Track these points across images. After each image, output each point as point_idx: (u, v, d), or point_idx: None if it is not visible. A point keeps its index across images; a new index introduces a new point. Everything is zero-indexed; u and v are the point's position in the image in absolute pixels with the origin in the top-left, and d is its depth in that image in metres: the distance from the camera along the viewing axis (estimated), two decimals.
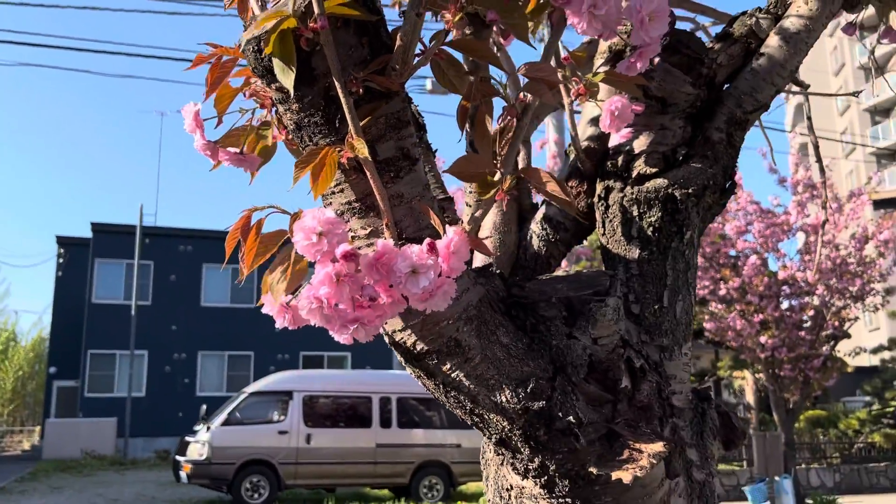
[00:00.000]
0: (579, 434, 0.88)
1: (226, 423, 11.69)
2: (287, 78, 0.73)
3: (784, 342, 11.39)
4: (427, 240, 0.73)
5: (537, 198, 1.31)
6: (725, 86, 1.18)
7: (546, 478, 0.92)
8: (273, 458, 11.49)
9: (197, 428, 12.40)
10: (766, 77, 1.13)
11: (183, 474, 11.38)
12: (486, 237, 1.18)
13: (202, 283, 23.24)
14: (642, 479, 0.87)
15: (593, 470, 0.88)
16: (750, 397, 16.93)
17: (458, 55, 0.83)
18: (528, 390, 0.88)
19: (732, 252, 11.81)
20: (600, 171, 1.19)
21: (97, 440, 19.85)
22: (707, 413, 1.10)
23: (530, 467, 0.93)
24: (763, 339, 11.27)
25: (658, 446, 0.88)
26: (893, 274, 12.30)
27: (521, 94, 0.83)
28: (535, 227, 1.21)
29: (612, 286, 0.98)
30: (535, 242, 1.20)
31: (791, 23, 1.12)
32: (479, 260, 1.14)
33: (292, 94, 0.77)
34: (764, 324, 11.53)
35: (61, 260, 24.87)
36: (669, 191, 1.09)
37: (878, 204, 29.13)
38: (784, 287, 11.62)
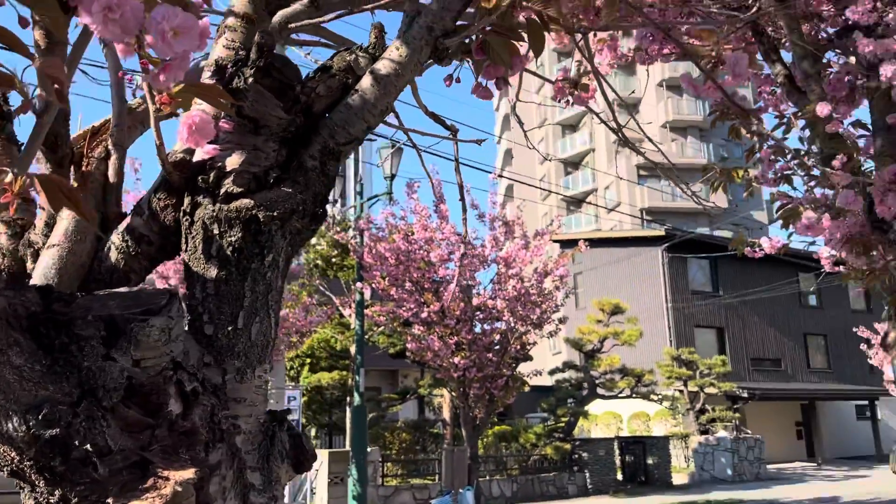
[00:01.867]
0: (97, 463, 0.82)
1: None
2: None
3: (475, 363, 12.42)
4: None
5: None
6: (327, 115, 1.22)
7: None
8: None
9: None
10: (359, 113, 1.20)
11: None
12: (53, 245, 1.07)
13: None
14: None
15: (110, 501, 0.82)
16: (446, 414, 18.15)
17: None
18: (41, 417, 0.80)
19: (436, 277, 12.64)
20: (191, 185, 1.15)
21: None
22: (277, 436, 1.11)
23: (51, 501, 0.85)
24: (457, 359, 12.17)
25: (188, 473, 0.86)
26: (566, 305, 14.14)
27: (40, 91, 0.76)
28: (116, 238, 1.14)
29: (168, 306, 0.94)
30: (114, 254, 1.12)
31: (383, 65, 1.21)
32: (38, 277, 1.03)
33: None
34: (459, 345, 12.48)
35: None
36: (253, 212, 1.09)
37: (565, 244, 33.38)
38: (478, 312, 12.70)
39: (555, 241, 21.27)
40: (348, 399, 17.42)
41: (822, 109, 2.74)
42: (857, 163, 2.73)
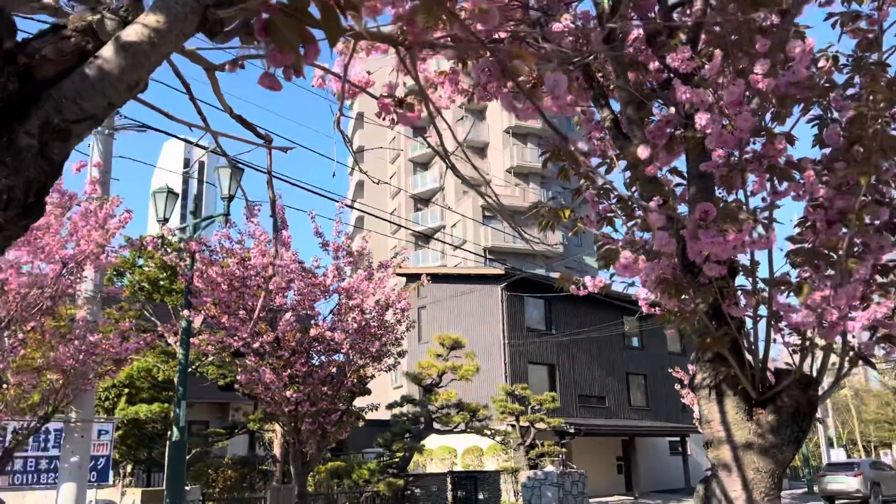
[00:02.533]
0: None
1: None
2: None
3: (308, 396, 11.95)
4: None
5: None
6: (55, 85, 0.98)
7: None
8: None
9: None
10: (97, 85, 0.96)
11: None
12: None
13: None
14: None
15: None
16: (277, 450, 17.36)
17: None
18: None
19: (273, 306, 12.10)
20: None
21: None
22: None
23: None
24: (289, 392, 11.65)
25: None
26: (408, 339, 14.06)
27: None
28: None
29: None
30: None
31: (135, 31, 0.98)
32: None
33: None
34: (293, 378, 11.97)
35: None
36: None
37: (411, 278, 33.56)
38: (316, 343, 12.28)
39: (400, 275, 21.24)
40: (169, 433, 16.19)
41: (643, 152, 2.79)
42: (672, 206, 2.80)
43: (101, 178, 10.52)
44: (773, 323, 2.81)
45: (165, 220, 12.01)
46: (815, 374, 2.94)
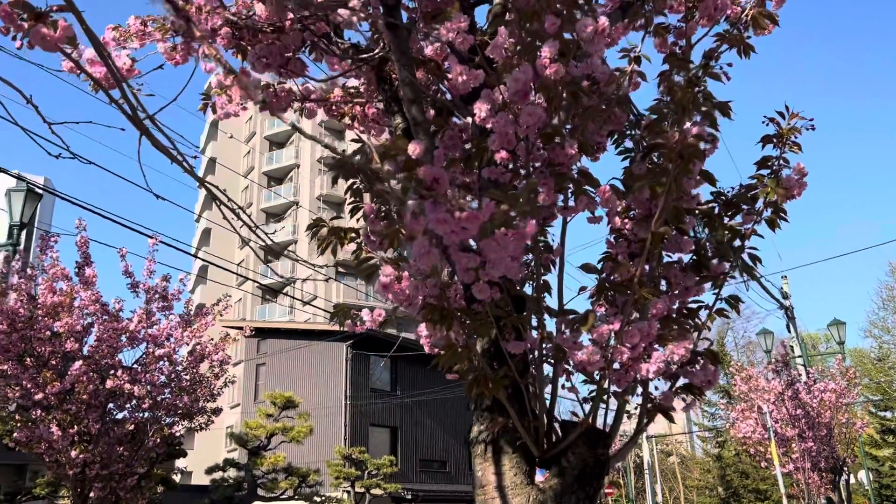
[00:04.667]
0: None
1: None
2: None
3: (99, 458, 10.41)
4: None
5: None
6: None
7: None
8: None
9: None
10: None
11: None
12: None
13: None
14: None
15: None
16: None
17: None
18: None
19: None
20: None
21: None
22: None
23: None
24: (74, 452, 10.08)
25: None
26: (224, 394, 12.82)
27: None
28: None
29: None
30: None
31: None
32: None
33: None
34: (83, 436, 10.40)
35: None
36: None
37: (258, 332, 31.76)
38: (114, 398, 10.81)
39: (233, 328, 19.67)
40: None
41: (414, 148, 2.26)
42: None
43: None
44: (559, 363, 2.33)
45: None
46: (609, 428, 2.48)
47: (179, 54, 3.38)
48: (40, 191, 10.35)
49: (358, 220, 2.92)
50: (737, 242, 2.84)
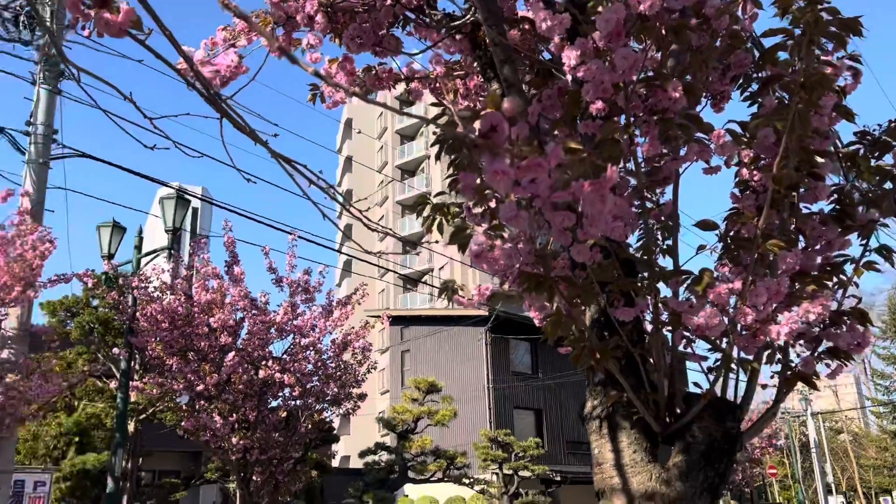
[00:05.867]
0: None
1: None
2: None
3: (258, 444, 11.09)
4: None
5: None
6: None
7: None
8: None
9: None
10: None
11: None
12: None
13: None
14: None
15: None
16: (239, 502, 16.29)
17: None
18: None
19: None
20: None
21: None
22: None
23: None
24: (235, 439, 10.80)
25: None
26: (372, 381, 13.24)
27: None
28: None
29: None
30: None
31: None
32: None
33: None
34: (241, 423, 11.13)
35: None
36: None
37: (396, 320, 32.78)
38: (268, 387, 11.47)
39: (374, 316, 20.15)
40: (126, 485, 15.17)
41: (506, 108, 2.12)
42: None
43: (34, 208, 9.85)
44: (677, 330, 2.12)
45: (111, 256, 11.31)
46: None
47: (277, 46, 3.42)
48: (189, 198, 11.12)
49: (457, 195, 2.82)
50: (887, 185, 2.47)
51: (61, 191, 12.17)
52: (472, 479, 19.36)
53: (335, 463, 25.53)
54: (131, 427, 14.09)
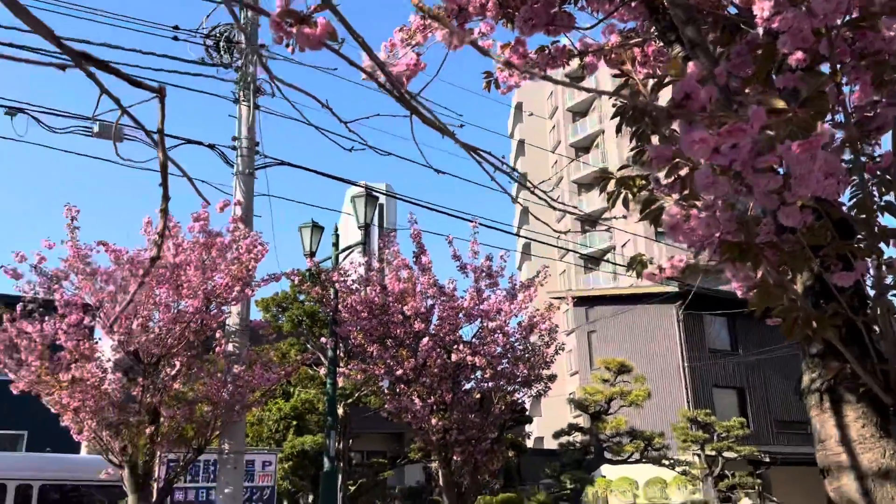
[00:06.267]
0: None
1: None
2: None
3: (456, 425, 11.52)
4: None
5: None
6: None
7: None
8: None
9: None
10: None
11: None
12: None
13: None
14: None
15: None
16: (442, 481, 17.05)
17: None
18: None
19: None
20: None
21: None
22: None
23: None
24: (434, 420, 11.30)
25: None
26: (561, 363, 13.25)
27: None
28: None
29: None
30: None
31: None
32: None
33: None
34: (438, 405, 11.63)
35: None
36: None
37: (581, 301, 32.42)
38: (461, 370, 11.87)
39: (554, 298, 20.18)
40: (340, 465, 16.48)
41: (692, 71, 2.05)
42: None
43: (244, 215, 10.92)
44: None
45: (312, 254, 12.27)
46: None
47: (456, 38, 3.52)
48: (376, 195, 11.77)
49: (641, 167, 2.75)
50: None
51: (265, 197, 13.35)
52: (672, 461, 18.73)
53: (529, 444, 25.89)
54: (340, 411, 15.25)
